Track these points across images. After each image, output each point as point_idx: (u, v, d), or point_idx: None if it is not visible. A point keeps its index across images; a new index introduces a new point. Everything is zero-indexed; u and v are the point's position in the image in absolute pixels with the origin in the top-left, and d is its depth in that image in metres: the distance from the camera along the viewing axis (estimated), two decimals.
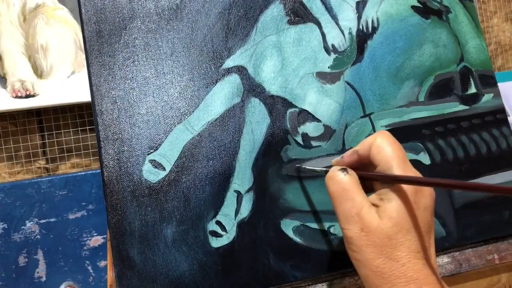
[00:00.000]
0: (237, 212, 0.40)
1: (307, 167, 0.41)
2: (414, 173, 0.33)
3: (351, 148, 0.43)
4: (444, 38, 0.48)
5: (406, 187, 0.32)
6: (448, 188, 0.34)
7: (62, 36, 0.97)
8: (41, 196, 0.85)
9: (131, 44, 0.40)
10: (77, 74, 0.98)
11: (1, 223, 0.83)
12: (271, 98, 0.42)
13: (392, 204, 0.31)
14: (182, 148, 0.40)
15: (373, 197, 0.33)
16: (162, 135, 0.40)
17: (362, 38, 0.46)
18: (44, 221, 0.85)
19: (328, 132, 0.43)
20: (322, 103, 0.43)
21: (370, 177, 0.34)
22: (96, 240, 0.88)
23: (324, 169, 0.37)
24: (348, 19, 0.46)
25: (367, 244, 0.31)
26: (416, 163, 0.44)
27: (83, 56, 0.94)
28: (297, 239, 0.40)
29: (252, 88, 0.42)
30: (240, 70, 0.42)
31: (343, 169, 0.34)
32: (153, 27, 0.41)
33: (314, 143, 0.42)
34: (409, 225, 0.31)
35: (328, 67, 0.44)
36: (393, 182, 0.32)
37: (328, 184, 0.34)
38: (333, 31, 0.45)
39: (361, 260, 0.32)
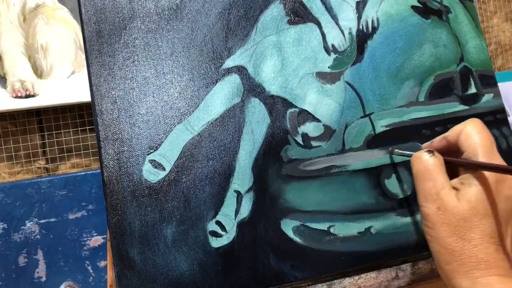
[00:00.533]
0: (237, 212, 0.40)
1: (399, 151, 0.42)
2: (499, 162, 0.34)
3: (351, 148, 0.43)
4: (444, 38, 0.48)
5: (488, 175, 0.33)
6: None
7: (62, 36, 0.97)
8: (41, 196, 0.85)
9: (131, 44, 0.40)
10: (77, 74, 0.98)
11: (1, 223, 0.83)
12: (271, 98, 0.42)
13: (472, 189, 0.33)
14: (182, 148, 0.40)
15: (455, 181, 0.34)
16: (162, 135, 0.40)
17: (362, 38, 0.46)
18: (44, 221, 0.85)
19: (328, 132, 0.43)
20: (322, 103, 0.43)
21: (452, 162, 0.35)
22: (96, 240, 0.88)
23: (414, 153, 0.38)
24: (348, 19, 0.46)
25: (442, 222, 0.33)
26: None
27: (83, 56, 0.94)
28: (297, 239, 0.40)
29: (252, 88, 0.42)
30: (240, 70, 0.42)
31: (430, 151, 0.35)
32: (153, 27, 0.41)
33: (314, 143, 0.42)
34: (486, 211, 0.32)
35: (328, 67, 0.44)
36: (474, 168, 0.33)
37: (414, 163, 0.36)
38: (333, 31, 0.45)
39: (434, 236, 0.33)
